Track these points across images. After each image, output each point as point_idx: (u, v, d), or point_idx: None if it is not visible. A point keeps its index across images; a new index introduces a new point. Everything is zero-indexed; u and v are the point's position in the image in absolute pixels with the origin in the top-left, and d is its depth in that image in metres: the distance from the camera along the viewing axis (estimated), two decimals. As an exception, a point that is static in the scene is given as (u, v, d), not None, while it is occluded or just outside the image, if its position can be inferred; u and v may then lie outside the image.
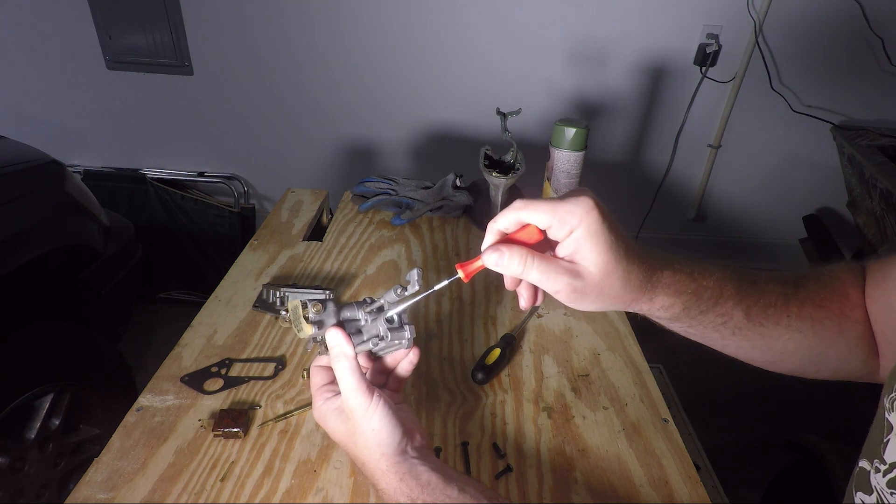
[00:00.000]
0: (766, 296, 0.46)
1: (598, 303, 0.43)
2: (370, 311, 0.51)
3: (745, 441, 1.75)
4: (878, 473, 0.38)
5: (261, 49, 2.02)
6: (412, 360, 0.54)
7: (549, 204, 0.41)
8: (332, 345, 0.49)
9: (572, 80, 2.06)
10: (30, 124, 2.17)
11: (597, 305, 0.43)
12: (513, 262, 0.42)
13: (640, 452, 0.68)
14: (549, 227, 0.42)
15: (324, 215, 1.25)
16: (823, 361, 0.49)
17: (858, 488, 0.40)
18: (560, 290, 0.42)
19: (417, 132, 2.19)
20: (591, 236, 0.40)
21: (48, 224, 1.19)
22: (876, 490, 0.38)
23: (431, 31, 1.98)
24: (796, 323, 0.47)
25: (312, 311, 0.50)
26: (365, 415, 0.47)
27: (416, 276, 0.47)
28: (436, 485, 0.45)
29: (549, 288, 0.42)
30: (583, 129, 1.07)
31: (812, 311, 0.47)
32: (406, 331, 0.51)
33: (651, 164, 2.25)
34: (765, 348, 0.48)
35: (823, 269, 0.51)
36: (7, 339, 1.09)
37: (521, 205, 0.42)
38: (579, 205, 0.40)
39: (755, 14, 1.91)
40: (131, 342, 1.79)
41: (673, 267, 0.44)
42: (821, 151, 2.16)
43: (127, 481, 0.61)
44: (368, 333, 0.51)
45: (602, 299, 0.42)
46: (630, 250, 0.42)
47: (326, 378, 0.53)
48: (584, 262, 0.41)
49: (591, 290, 0.42)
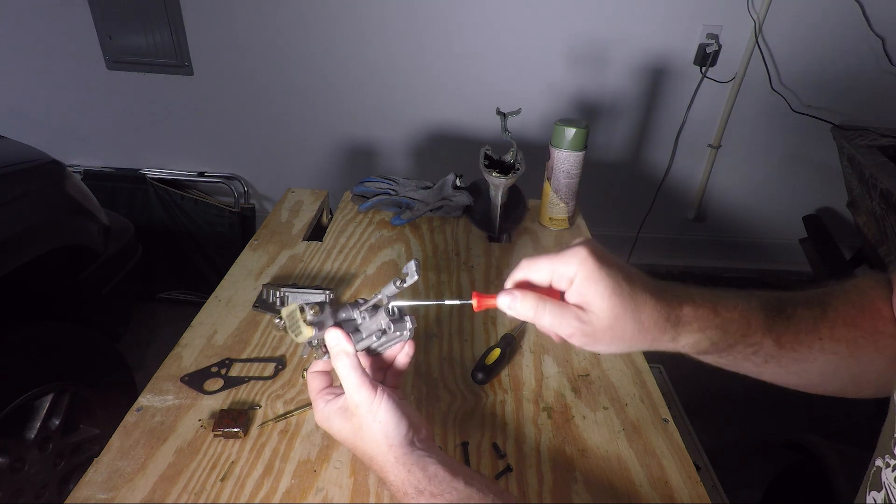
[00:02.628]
0: (794, 322, 0.45)
1: (613, 345, 0.43)
2: (366, 309, 0.52)
3: (745, 441, 1.75)
4: (888, 469, 0.38)
5: (261, 49, 2.02)
6: (409, 352, 0.54)
7: (548, 259, 0.44)
8: (331, 344, 0.49)
9: (572, 80, 2.06)
10: (30, 124, 2.17)
11: (613, 348, 0.44)
12: (525, 307, 0.44)
13: (640, 452, 0.68)
14: (551, 282, 0.44)
15: (324, 215, 1.25)
16: (864, 381, 0.48)
17: (872, 487, 0.40)
18: (572, 334, 0.43)
19: (417, 132, 2.19)
20: (590, 284, 0.42)
21: (48, 224, 1.19)
22: (885, 486, 0.38)
23: (432, 30, 1.98)
24: (830, 345, 0.45)
25: (311, 314, 0.50)
26: (371, 408, 0.47)
27: (414, 266, 0.47)
28: (443, 477, 0.45)
29: (562, 332, 0.44)
30: (583, 129, 1.07)
31: (845, 332, 0.46)
32: (407, 321, 0.52)
33: (651, 164, 2.25)
34: (801, 373, 0.47)
35: (848, 284, 0.49)
36: (7, 339, 1.09)
37: (525, 265, 0.45)
38: (574, 255, 0.42)
39: (755, 14, 1.91)
40: (131, 342, 1.79)
41: (694, 301, 0.44)
42: (821, 151, 2.16)
43: (127, 481, 0.61)
44: (367, 331, 0.51)
45: (617, 342, 0.43)
46: (641, 291, 0.42)
47: (324, 382, 0.53)
48: (590, 307, 0.42)
49: (603, 334, 0.43)
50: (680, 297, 0.43)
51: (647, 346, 0.44)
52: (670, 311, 0.43)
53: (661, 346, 0.44)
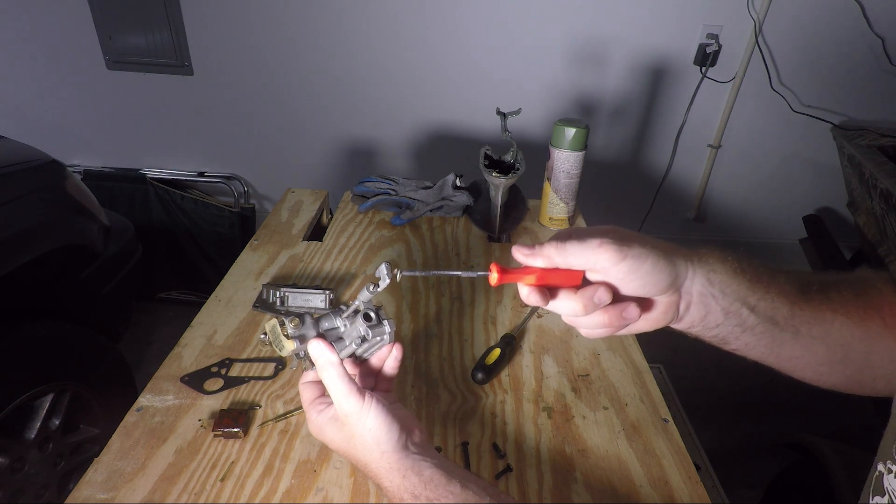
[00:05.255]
0: (811, 295, 0.44)
1: (646, 248, 0.40)
2: (347, 316, 0.52)
3: (745, 441, 1.75)
4: (891, 475, 0.38)
5: (261, 49, 2.02)
6: (396, 356, 0.54)
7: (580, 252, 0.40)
8: (315, 356, 0.49)
9: (572, 80, 2.06)
10: (30, 124, 2.17)
11: (644, 255, 0.40)
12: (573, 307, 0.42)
13: (640, 452, 0.68)
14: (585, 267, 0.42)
15: (324, 215, 1.25)
16: (871, 372, 0.46)
17: (875, 492, 0.40)
18: (604, 241, 0.40)
19: (417, 132, 2.19)
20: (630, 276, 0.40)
21: (48, 224, 1.19)
22: (888, 492, 0.38)
23: (432, 31, 1.98)
24: (843, 319, 0.44)
25: (291, 327, 0.50)
26: (359, 416, 0.47)
27: (385, 270, 0.46)
28: (438, 481, 0.45)
29: (593, 243, 0.40)
30: (583, 129, 1.07)
31: (858, 312, 0.44)
32: (386, 325, 0.51)
33: (651, 164, 2.25)
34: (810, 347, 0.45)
35: (850, 276, 0.48)
36: (7, 339, 1.09)
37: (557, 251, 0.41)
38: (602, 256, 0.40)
39: (755, 14, 1.91)
40: (131, 342, 1.79)
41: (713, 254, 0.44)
42: (821, 151, 2.16)
43: (127, 481, 0.61)
44: (349, 338, 0.51)
45: (648, 248, 0.40)
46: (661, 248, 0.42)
47: (316, 392, 0.53)
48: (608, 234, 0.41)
49: (631, 236, 0.40)
50: None
51: (675, 262, 0.41)
52: (691, 251, 0.43)
53: (690, 270, 0.42)
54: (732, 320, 0.43)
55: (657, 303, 0.43)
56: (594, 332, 0.44)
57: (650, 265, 0.40)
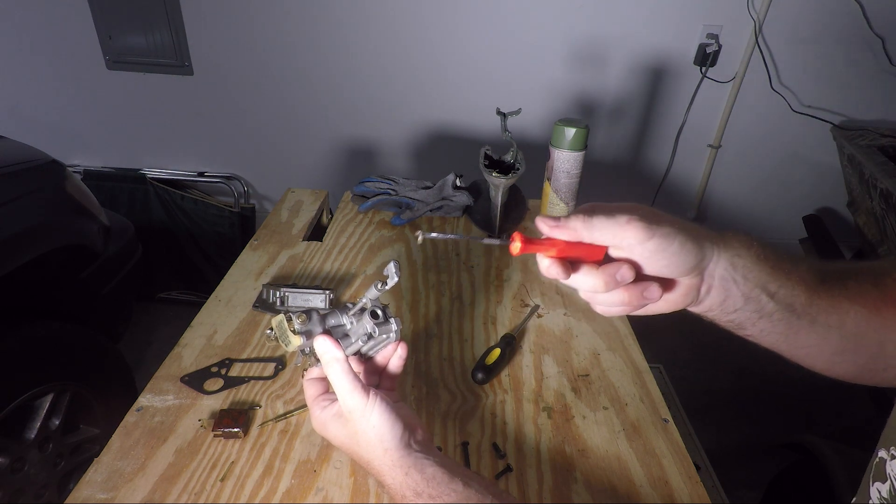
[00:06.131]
0: (829, 283, 0.44)
1: (674, 228, 0.40)
2: (353, 313, 0.52)
3: (745, 441, 1.75)
4: (894, 461, 0.38)
5: (261, 49, 2.02)
6: (401, 354, 0.54)
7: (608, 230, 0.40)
8: (321, 351, 0.49)
9: (572, 80, 2.06)
10: (30, 124, 2.17)
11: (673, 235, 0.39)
12: None
13: (640, 452, 0.68)
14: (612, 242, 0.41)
15: (324, 215, 1.25)
16: (884, 362, 0.46)
17: (875, 478, 0.40)
18: (633, 217, 0.39)
19: (417, 132, 2.19)
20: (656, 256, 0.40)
21: (48, 224, 1.19)
22: (890, 478, 0.38)
23: (432, 31, 1.98)
24: (859, 309, 0.43)
25: (298, 322, 0.50)
26: (364, 413, 0.47)
27: (394, 268, 0.46)
28: (441, 479, 0.45)
29: (621, 220, 0.39)
30: (583, 129, 1.07)
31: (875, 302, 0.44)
32: (392, 323, 0.51)
33: (651, 164, 2.25)
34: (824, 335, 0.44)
35: (869, 265, 0.47)
36: (7, 339, 1.09)
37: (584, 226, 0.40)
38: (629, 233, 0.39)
39: (755, 14, 1.91)
40: (131, 342, 1.78)
41: None
42: (821, 151, 2.15)
43: (127, 481, 0.61)
44: (356, 335, 0.51)
45: (677, 228, 0.40)
46: None
47: (320, 389, 0.53)
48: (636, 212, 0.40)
49: (659, 215, 0.40)
50: None
51: (701, 240, 0.41)
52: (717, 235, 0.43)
53: (716, 251, 0.42)
54: (751, 306, 0.43)
55: (679, 284, 0.42)
56: (611, 311, 0.43)
57: (678, 245, 0.39)
